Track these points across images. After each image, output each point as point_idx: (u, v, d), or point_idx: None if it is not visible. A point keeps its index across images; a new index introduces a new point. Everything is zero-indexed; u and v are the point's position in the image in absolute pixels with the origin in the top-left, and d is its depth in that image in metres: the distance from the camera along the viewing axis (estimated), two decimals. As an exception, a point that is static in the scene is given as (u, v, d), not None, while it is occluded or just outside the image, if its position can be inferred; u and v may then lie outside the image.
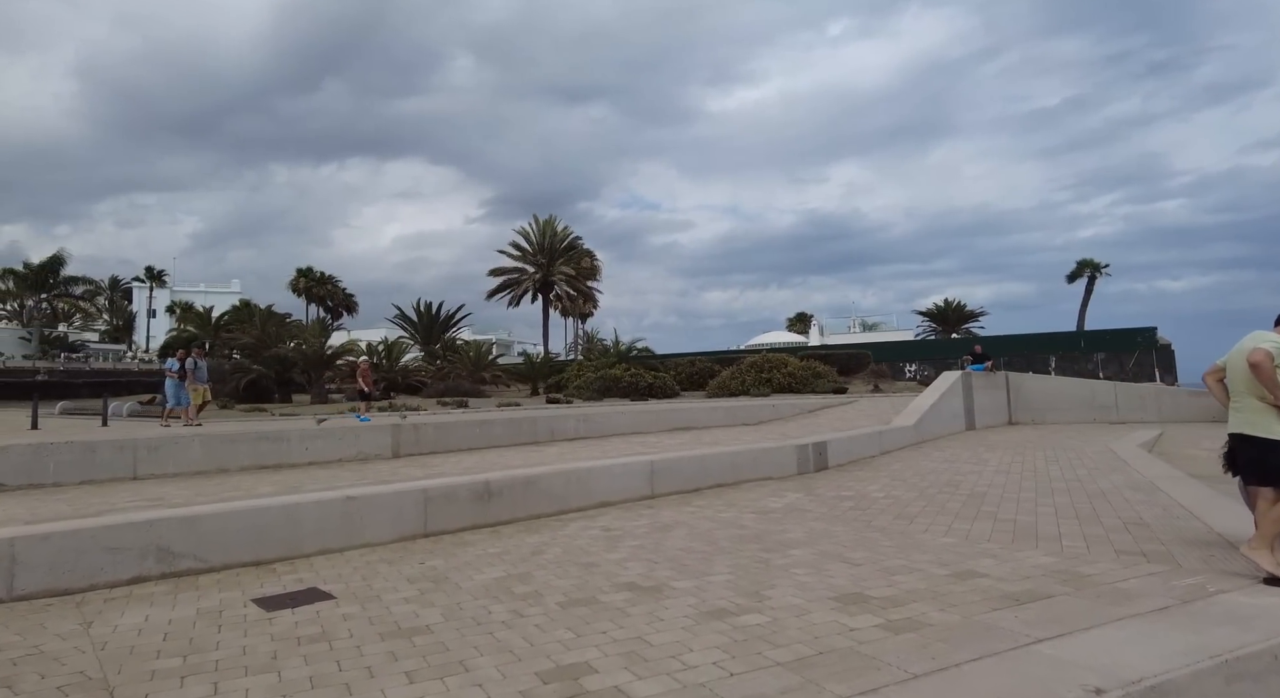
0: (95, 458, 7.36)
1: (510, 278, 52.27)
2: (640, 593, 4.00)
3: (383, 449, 9.13)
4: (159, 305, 79.80)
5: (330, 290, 77.96)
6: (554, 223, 52.47)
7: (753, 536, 5.46)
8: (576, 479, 7.08)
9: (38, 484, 7.02)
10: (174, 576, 4.80)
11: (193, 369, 13.86)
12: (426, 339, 48.35)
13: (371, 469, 7.98)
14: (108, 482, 7.34)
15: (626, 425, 12.33)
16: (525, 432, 10.78)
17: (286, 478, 7.38)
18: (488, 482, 6.46)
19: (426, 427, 9.63)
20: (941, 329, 54.85)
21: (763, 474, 8.58)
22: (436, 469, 7.84)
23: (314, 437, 8.70)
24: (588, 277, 53.06)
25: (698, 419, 13.47)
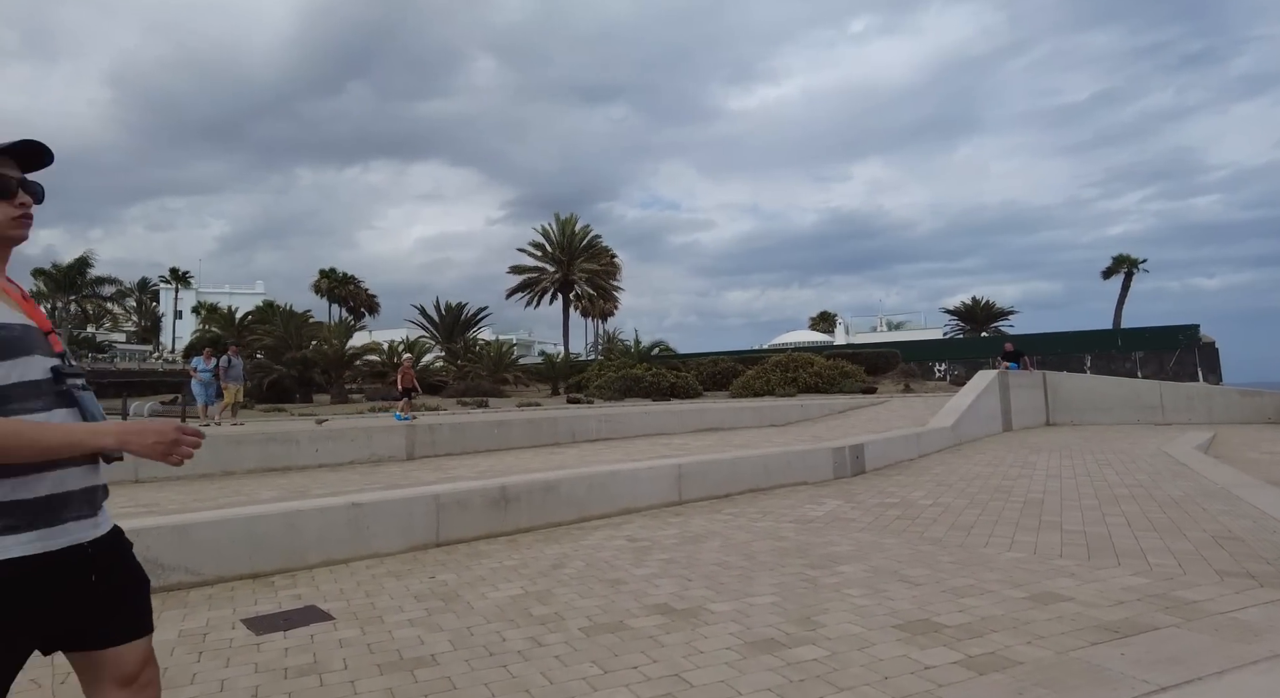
0: (97, 460, 7.01)
1: (530, 277, 52.01)
2: (674, 618, 3.53)
3: (396, 451, 8.74)
4: (185, 306, 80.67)
5: (352, 291, 78.37)
6: (574, 222, 52.14)
7: (795, 548, 4.96)
8: (599, 484, 6.62)
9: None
10: (162, 590, 4.41)
11: (226, 367, 13.60)
12: (447, 339, 48.26)
13: (383, 472, 7.58)
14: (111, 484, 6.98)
15: (650, 426, 11.86)
16: (545, 433, 10.34)
17: (293, 481, 7.00)
18: (504, 487, 6.03)
19: (442, 428, 9.23)
20: (970, 328, 53.73)
21: (797, 479, 8.07)
22: (451, 473, 7.42)
23: (324, 438, 8.33)
24: (608, 275, 52.67)
25: (724, 420, 12.96)
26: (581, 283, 51.74)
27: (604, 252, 52.34)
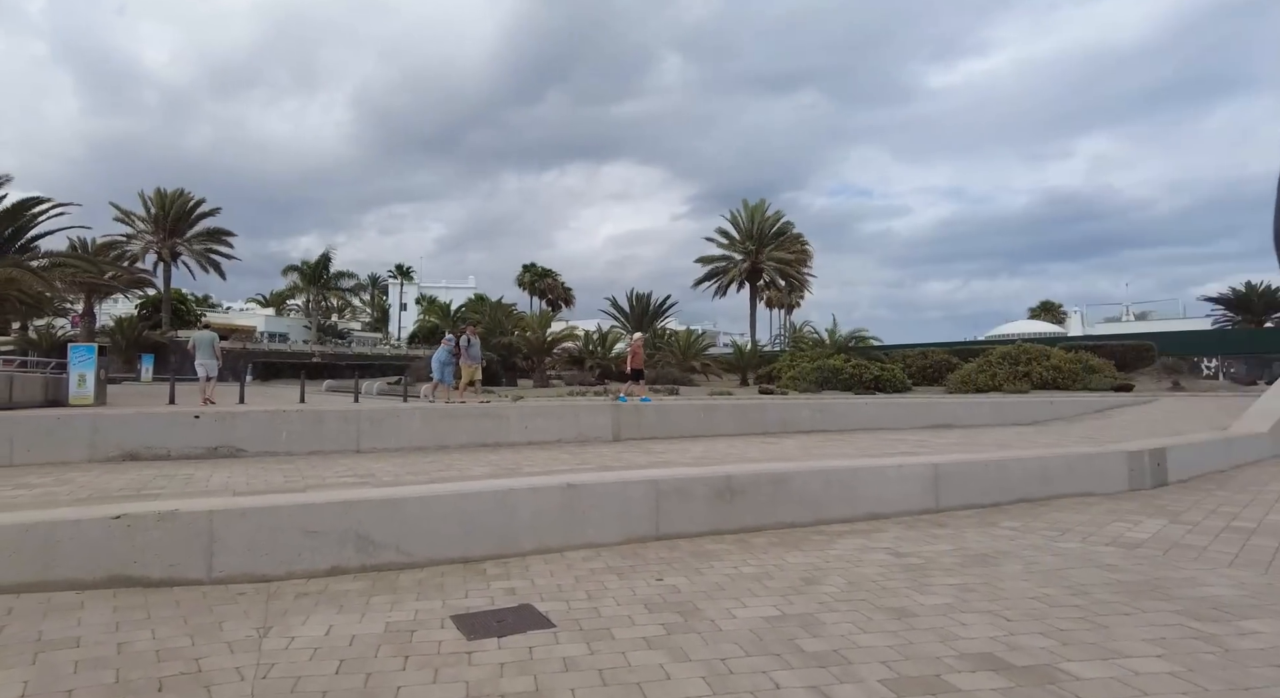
0: (322, 429, 7.19)
1: (717, 266, 51.23)
2: (1018, 679, 2.43)
3: (603, 431, 8.24)
4: (409, 299, 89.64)
5: (551, 284, 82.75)
6: (763, 207, 50.54)
7: (1143, 585, 3.58)
8: (839, 482, 5.55)
9: (271, 452, 6.94)
10: (373, 569, 4.04)
11: (466, 347, 14.12)
12: (637, 328, 49.05)
13: (592, 452, 7.06)
14: (332, 453, 7.13)
15: (870, 420, 10.48)
16: (754, 421, 9.40)
17: (504, 458, 6.65)
18: (729, 477, 5.16)
19: (648, 410, 8.61)
20: (1242, 319, 44.79)
21: (1082, 488, 6.44)
22: (661, 456, 6.72)
23: (533, 415, 8.02)
24: (799, 264, 50.49)
25: (957, 416, 11.21)
26: (770, 271, 50.06)
27: (795, 239, 50.24)
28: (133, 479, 5.10)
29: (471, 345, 14.23)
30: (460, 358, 14.07)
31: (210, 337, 15.17)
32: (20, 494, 4.48)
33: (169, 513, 3.73)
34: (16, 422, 6.24)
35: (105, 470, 5.67)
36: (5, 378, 13.06)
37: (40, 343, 52.10)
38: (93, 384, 14.13)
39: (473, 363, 14.26)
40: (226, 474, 5.44)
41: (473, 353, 14.22)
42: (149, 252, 50.12)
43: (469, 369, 14.23)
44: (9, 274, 21.12)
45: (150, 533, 3.68)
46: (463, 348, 14.16)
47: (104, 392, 14.64)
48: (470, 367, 14.20)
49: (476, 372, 14.51)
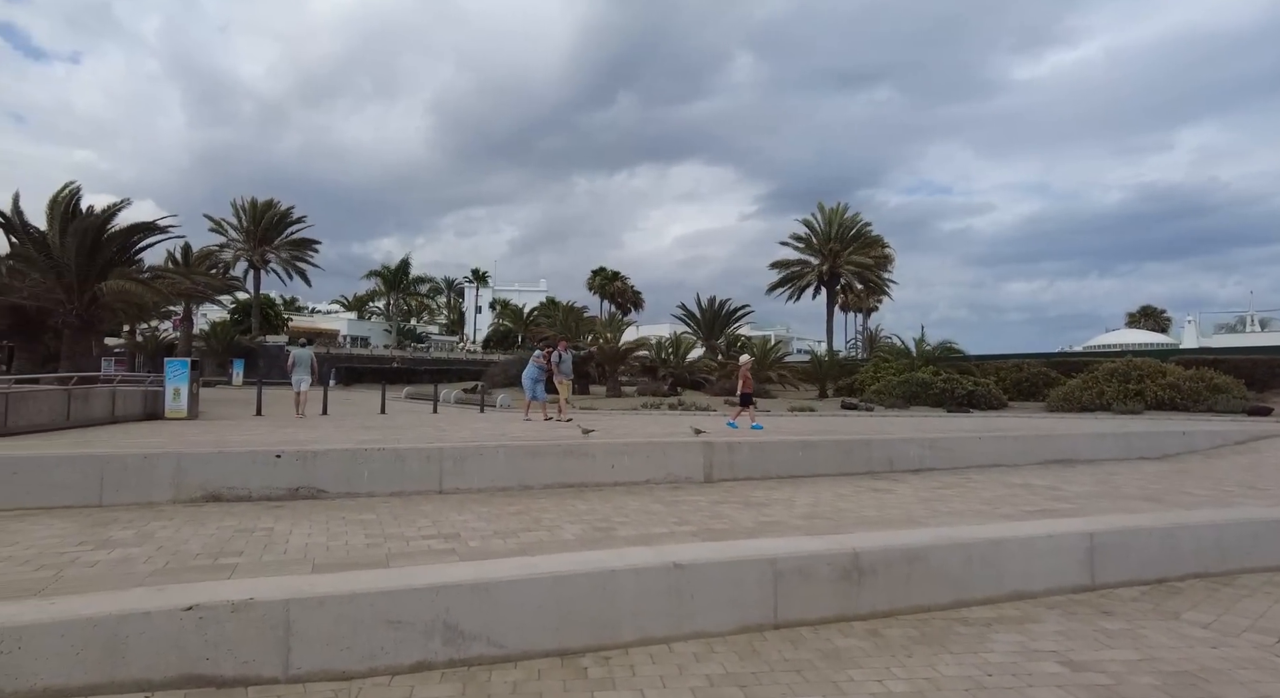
0: (404, 468, 6.87)
1: (792, 271, 49.90)
2: None
3: (693, 471, 7.66)
4: (483, 302, 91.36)
5: (620, 288, 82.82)
6: (841, 211, 48.91)
7: None
8: (981, 556, 4.81)
9: (352, 493, 6.66)
10: (462, 664, 3.59)
11: (557, 363, 13.86)
12: (708, 335, 48.18)
13: (687, 502, 6.48)
14: (414, 494, 6.80)
15: (986, 455, 9.54)
16: (858, 458, 8.63)
17: (593, 507, 6.15)
18: (856, 554, 4.50)
19: (742, 447, 7.97)
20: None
21: (1273, 562, 5.49)
22: (766, 512, 6.08)
23: (620, 454, 7.51)
24: (879, 267, 48.64)
25: (1078, 449, 10.12)
26: (849, 275, 48.40)
27: (875, 242, 48.43)
28: (212, 537, 4.82)
29: (563, 361, 13.94)
30: (555, 374, 13.82)
31: (309, 355, 16.45)
32: (99, 559, 4.24)
33: (244, 603, 3.35)
34: (106, 461, 6.14)
35: (187, 520, 5.45)
36: (109, 393, 13.51)
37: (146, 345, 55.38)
38: (186, 399, 14.51)
39: (565, 378, 13.96)
40: (306, 530, 5.12)
41: (564, 368, 13.94)
42: (240, 259, 52.54)
43: (563, 386, 13.93)
44: (121, 286, 22.25)
45: (224, 626, 3.31)
46: (554, 363, 13.87)
47: (196, 405, 15.01)
48: (563, 382, 13.90)
49: (569, 387, 14.19)
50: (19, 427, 11.33)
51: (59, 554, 4.34)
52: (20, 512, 5.72)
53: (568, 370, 14.12)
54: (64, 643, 3.12)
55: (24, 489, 5.91)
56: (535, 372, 14.31)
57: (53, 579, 3.82)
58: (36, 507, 5.87)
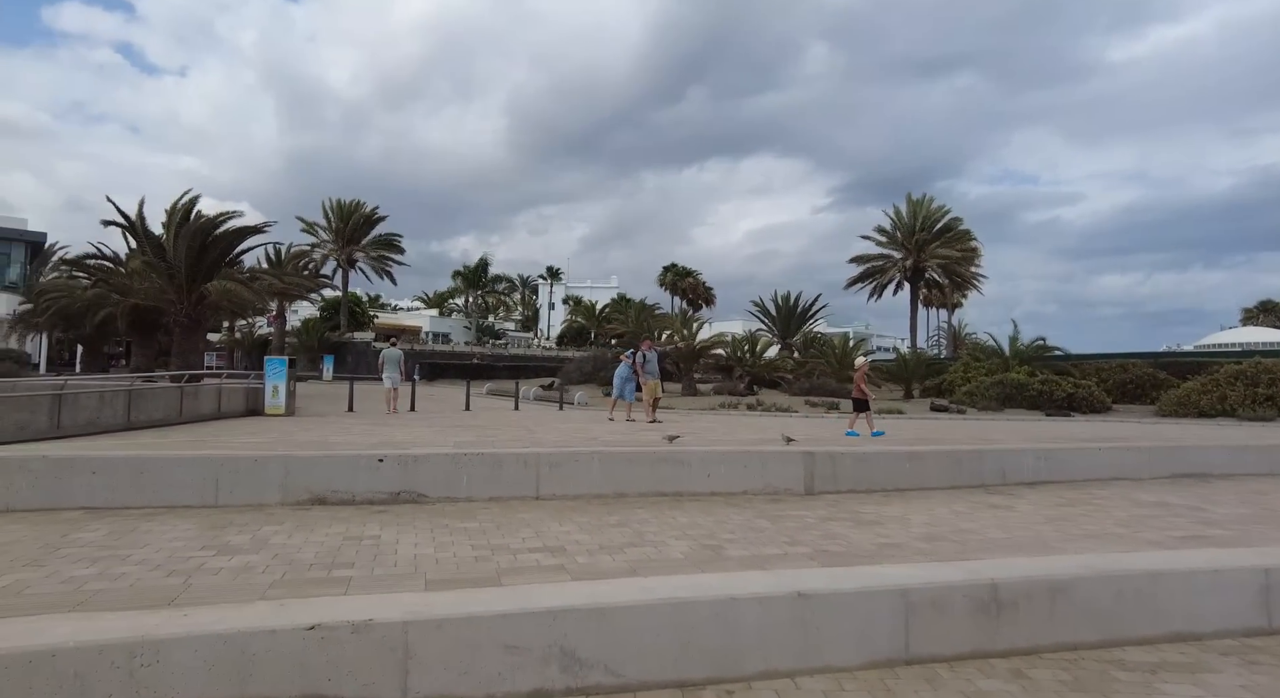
0: (501, 474, 6.84)
1: (873, 266, 48.42)
2: None
3: (793, 483, 7.34)
4: (556, 299, 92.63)
5: (692, 284, 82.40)
6: (927, 203, 47.11)
7: None
8: (1133, 590, 4.35)
9: (452, 498, 6.67)
10: (579, 693, 3.44)
11: (642, 363, 13.79)
12: (784, 332, 47.26)
13: (791, 516, 6.19)
14: (511, 500, 6.76)
15: (1101, 467, 8.84)
16: (968, 470, 8.12)
17: (694, 520, 5.94)
18: (994, 584, 4.13)
19: (844, 458, 7.60)
20: None
21: None
22: (879, 531, 5.73)
23: (717, 462, 7.27)
24: (966, 261, 46.57)
25: (1214, 463, 9.26)
26: (934, 270, 46.55)
27: (962, 235, 46.42)
28: (323, 545, 4.86)
29: (649, 361, 13.82)
30: (640, 374, 13.73)
31: (398, 354, 17.54)
32: (221, 566, 4.31)
33: (363, 624, 3.30)
34: (221, 464, 6.34)
35: (297, 525, 5.55)
36: (215, 391, 14.23)
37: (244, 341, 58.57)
38: (284, 396, 15.11)
39: (652, 378, 13.85)
40: (413, 539, 5.11)
41: (650, 368, 13.82)
42: (329, 259, 54.88)
43: (650, 386, 13.81)
44: (224, 286, 23.52)
45: (344, 646, 3.26)
46: (639, 364, 13.78)
47: (293, 402, 15.62)
48: (651, 383, 13.78)
49: (658, 388, 14.05)
50: (139, 422, 12.02)
51: (185, 559, 4.44)
52: (149, 510, 5.96)
53: (653, 371, 13.95)
54: (197, 658, 3.13)
55: (150, 489, 6.15)
56: (625, 371, 14.23)
57: (182, 587, 3.88)
58: (160, 505, 6.10)
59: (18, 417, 10.19)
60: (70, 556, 4.51)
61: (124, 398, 11.59)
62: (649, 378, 13.80)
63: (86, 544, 4.82)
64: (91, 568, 4.22)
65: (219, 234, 24.26)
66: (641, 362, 13.78)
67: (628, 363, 14.30)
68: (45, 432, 10.31)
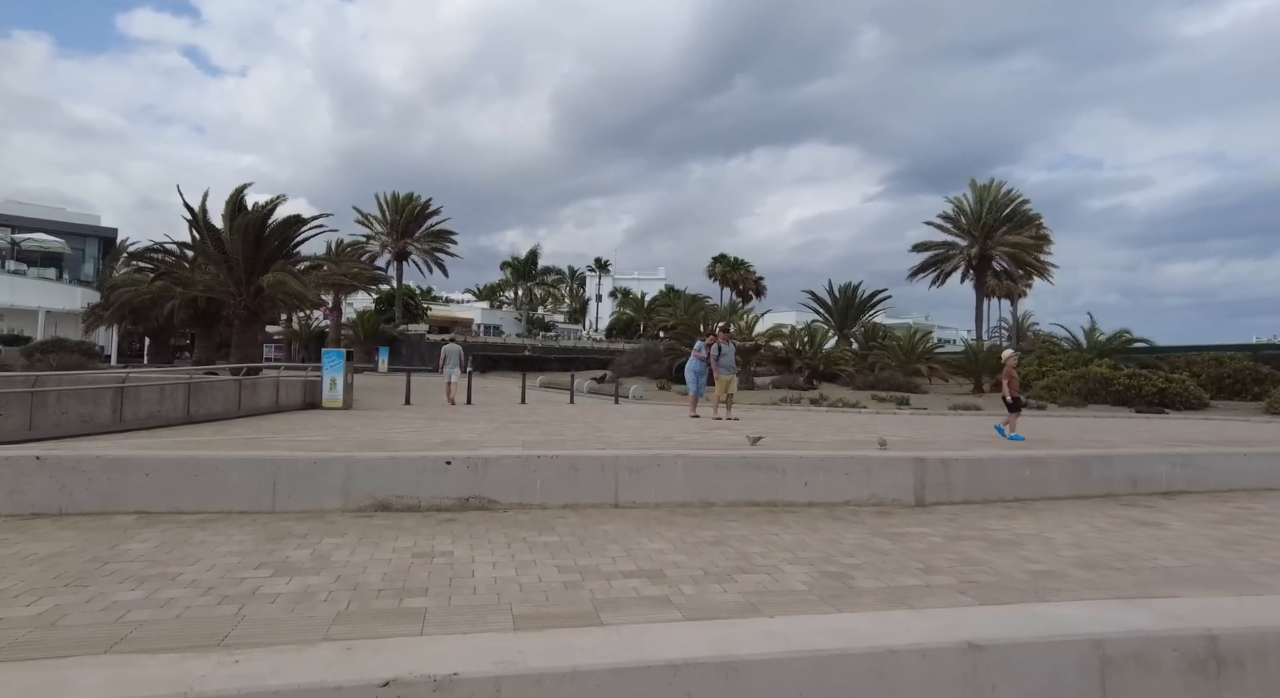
0: (577, 479, 6.21)
1: (937, 254, 46.45)
2: None
3: (902, 492, 6.54)
4: (604, 292, 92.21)
5: (742, 275, 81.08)
6: (995, 188, 44.93)
7: None
8: (1388, 646, 3.45)
9: (524, 504, 6.08)
10: (710, 770, 2.77)
11: (716, 357, 13.06)
12: (841, 324, 45.80)
13: (912, 534, 5.40)
14: (588, 508, 6.13)
15: (1246, 475, 7.78)
16: (1096, 478, 7.19)
17: (801, 538, 5.21)
18: (1212, 636, 3.31)
19: (958, 465, 6.75)
20: None
21: None
22: (1018, 551, 4.91)
23: (814, 469, 6.51)
24: (1035, 248, 44.34)
25: (1374, 471, 8.06)
26: (1002, 258, 44.44)
27: (1031, 220, 44.17)
28: (390, 564, 4.29)
29: (724, 354, 13.07)
30: (713, 367, 13.02)
31: (457, 349, 18.68)
32: (279, 591, 3.77)
33: (448, 679, 2.68)
34: (278, 466, 5.86)
35: (361, 537, 5.01)
36: (273, 383, 14.05)
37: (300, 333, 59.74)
38: (342, 389, 14.85)
39: (727, 373, 13.11)
40: (489, 557, 4.51)
41: (725, 362, 13.08)
42: (384, 252, 55.49)
43: (724, 381, 13.07)
44: (279, 278, 23.59)
45: (425, 708, 2.66)
46: (713, 357, 13.05)
47: (351, 395, 15.37)
48: (725, 377, 13.05)
49: (732, 383, 13.30)
50: (199, 415, 11.85)
51: (239, 581, 3.92)
52: (202, 517, 5.52)
53: (730, 364, 13.19)
54: (248, 721, 2.57)
55: (205, 493, 5.72)
56: (698, 365, 13.49)
57: (235, 619, 3.35)
58: (215, 511, 5.67)
59: (82, 410, 10.05)
60: (117, 573, 4.04)
61: (183, 392, 11.41)
62: (724, 372, 13.05)
63: (135, 558, 4.36)
64: (138, 591, 3.73)
65: (274, 226, 24.33)
66: (717, 354, 13.02)
67: (699, 357, 13.56)
68: (108, 425, 10.15)
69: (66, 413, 9.73)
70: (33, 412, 9.33)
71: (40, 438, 9.14)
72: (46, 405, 9.48)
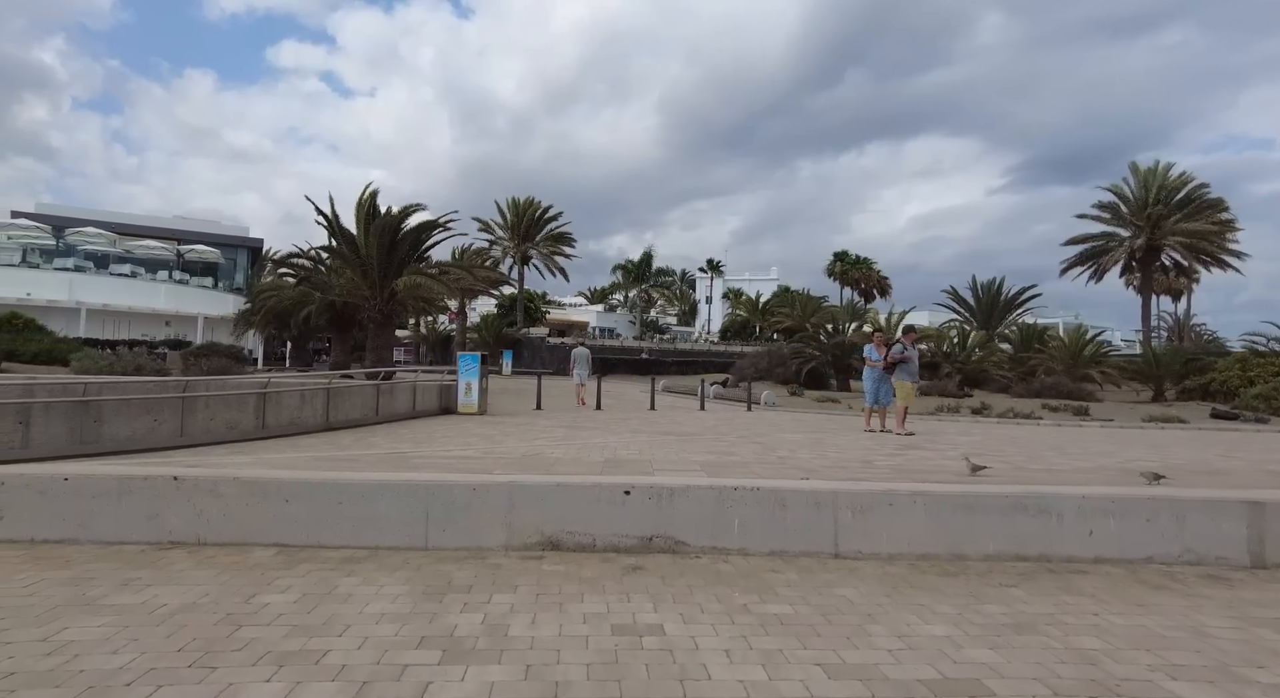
0: (786, 518, 4.92)
1: (1095, 246, 41.89)
2: None
3: (1230, 549, 4.83)
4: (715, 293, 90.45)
5: (864, 273, 77.24)
6: (1161, 171, 39.97)
7: None
8: None
9: (719, 548, 4.86)
10: None
11: (899, 358, 11.56)
12: (985, 324, 42.10)
13: None
14: (800, 556, 4.84)
15: None
16: None
17: (1132, 620, 3.69)
18: None
19: (1309, 512, 4.91)
20: None
21: None
22: None
23: (1100, 513, 4.90)
24: (1218, 236, 38.95)
25: None
26: (1174, 248, 39.38)
27: (1212, 205, 38.85)
28: (589, 648, 3.20)
29: (909, 361, 11.51)
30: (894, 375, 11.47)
31: (586, 353, 19.10)
32: (453, 692, 2.71)
33: None
34: (432, 493, 4.93)
35: (537, 597, 3.95)
36: (410, 388, 13.68)
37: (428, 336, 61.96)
38: (477, 394, 14.30)
39: (910, 381, 11.53)
40: (716, 641, 3.31)
41: (911, 369, 11.51)
42: (506, 257, 56.56)
43: (907, 389, 11.50)
44: (413, 281, 23.83)
45: None
46: (894, 357, 11.50)
47: (486, 399, 14.82)
48: (906, 385, 11.48)
49: (914, 392, 11.69)
50: (338, 421, 11.51)
51: (398, 674, 2.90)
52: (347, 554, 4.66)
53: (914, 372, 11.55)
54: None
55: (349, 524, 4.87)
56: (877, 372, 11.93)
57: (400, 752, 2.28)
58: (361, 546, 4.81)
59: (228, 416, 9.80)
60: (251, 647, 3.14)
61: (323, 397, 11.08)
62: (908, 380, 11.42)
63: (273, 620, 3.47)
64: (274, 681, 2.79)
65: (407, 230, 24.64)
66: (899, 355, 11.41)
67: (873, 366, 11.96)
68: (251, 432, 9.85)
69: (214, 419, 9.49)
70: (184, 418, 9.12)
71: (191, 445, 8.90)
72: (196, 412, 9.26)
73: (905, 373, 11.40)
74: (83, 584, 3.93)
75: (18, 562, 4.34)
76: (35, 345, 19.07)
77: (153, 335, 36.19)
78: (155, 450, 8.40)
